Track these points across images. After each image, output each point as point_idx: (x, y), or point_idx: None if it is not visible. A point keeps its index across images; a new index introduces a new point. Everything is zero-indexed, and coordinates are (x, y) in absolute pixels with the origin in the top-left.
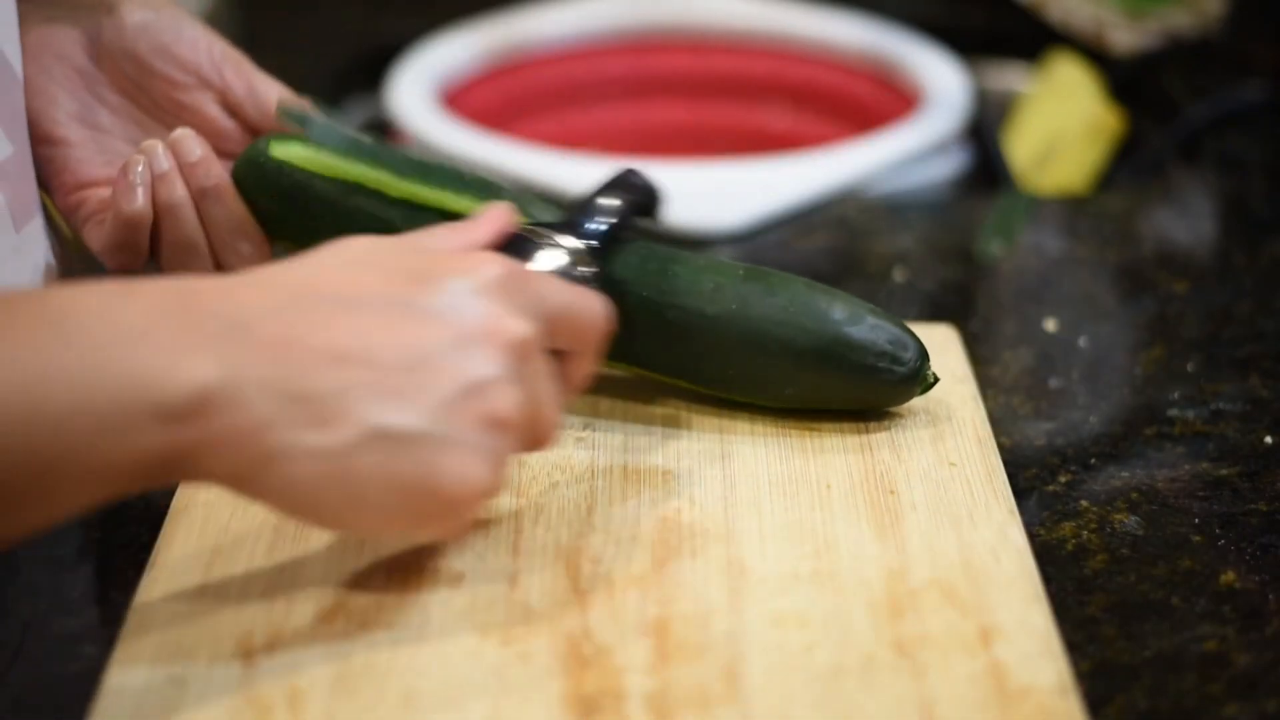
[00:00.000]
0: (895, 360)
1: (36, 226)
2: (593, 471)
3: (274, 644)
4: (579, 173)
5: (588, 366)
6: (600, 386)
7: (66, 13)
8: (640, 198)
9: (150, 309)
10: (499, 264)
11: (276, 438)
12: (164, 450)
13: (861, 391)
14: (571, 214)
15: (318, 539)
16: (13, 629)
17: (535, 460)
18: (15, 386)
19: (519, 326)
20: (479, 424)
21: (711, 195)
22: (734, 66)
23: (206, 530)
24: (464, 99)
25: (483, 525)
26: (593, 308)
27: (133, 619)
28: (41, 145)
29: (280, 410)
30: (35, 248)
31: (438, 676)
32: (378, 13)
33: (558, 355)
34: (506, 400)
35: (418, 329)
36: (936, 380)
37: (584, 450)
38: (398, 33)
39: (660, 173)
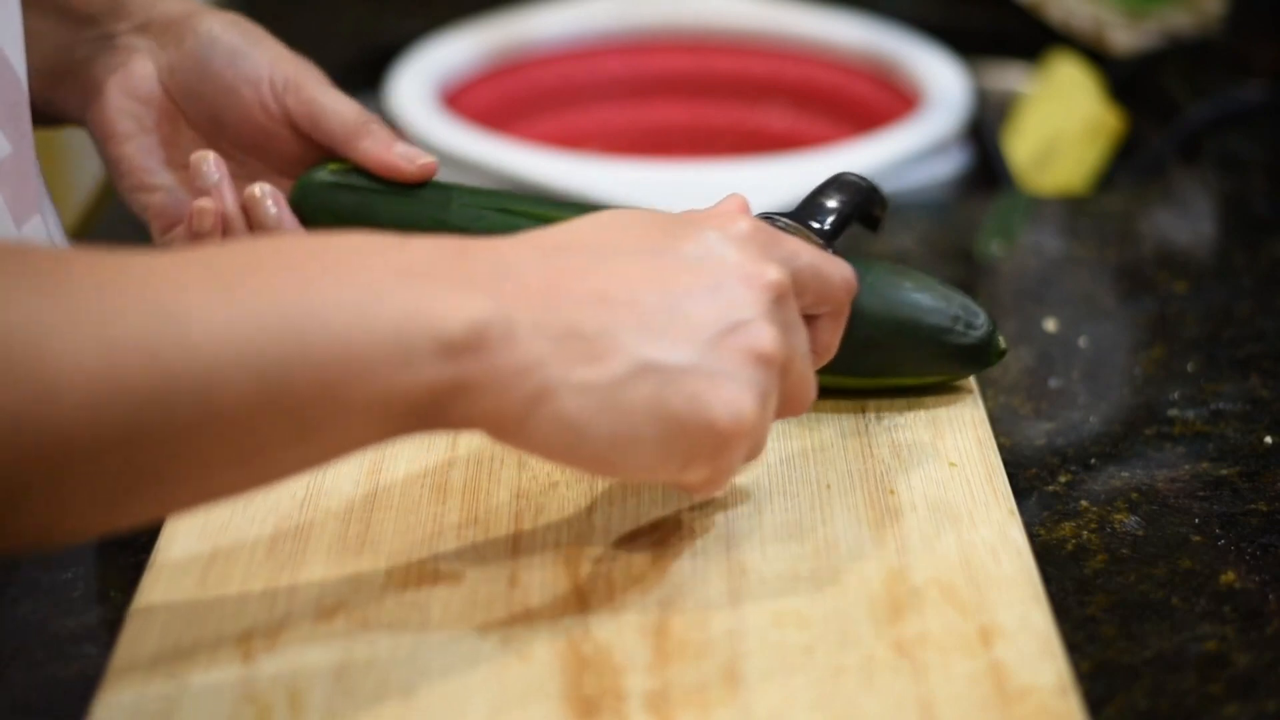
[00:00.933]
0: (969, 325)
1: (37, 225)
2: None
3: (274, 644)
4: (579, 173)
5: (836, 330)
6: None
7: (142, 42)
8: (862, 200)
9: (426, 253)
10: (750, 219)
11: (548, 373)
12: (439, 385)
13: (937, 361)
14: (796, 212)
15: (317, 539)
16: (13, 629)
17: (535, 461)
18: (302, 313)
19: (773, 271)
20: (743, 358)
21: (711, 195)
22: (734, 66)
23: (206, 530)
24: (464, 99)
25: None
26: (841, 268)
27: (132, 619)
28: (137, 193)
29: (551, 348)
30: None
31: (438, 676)
32: (378, 13)
33: (806, 321)
34: (767, 337)
35: (677, 273)
36: (1007, 349)
37: None
38: (398, 33)
39: (660, 173)
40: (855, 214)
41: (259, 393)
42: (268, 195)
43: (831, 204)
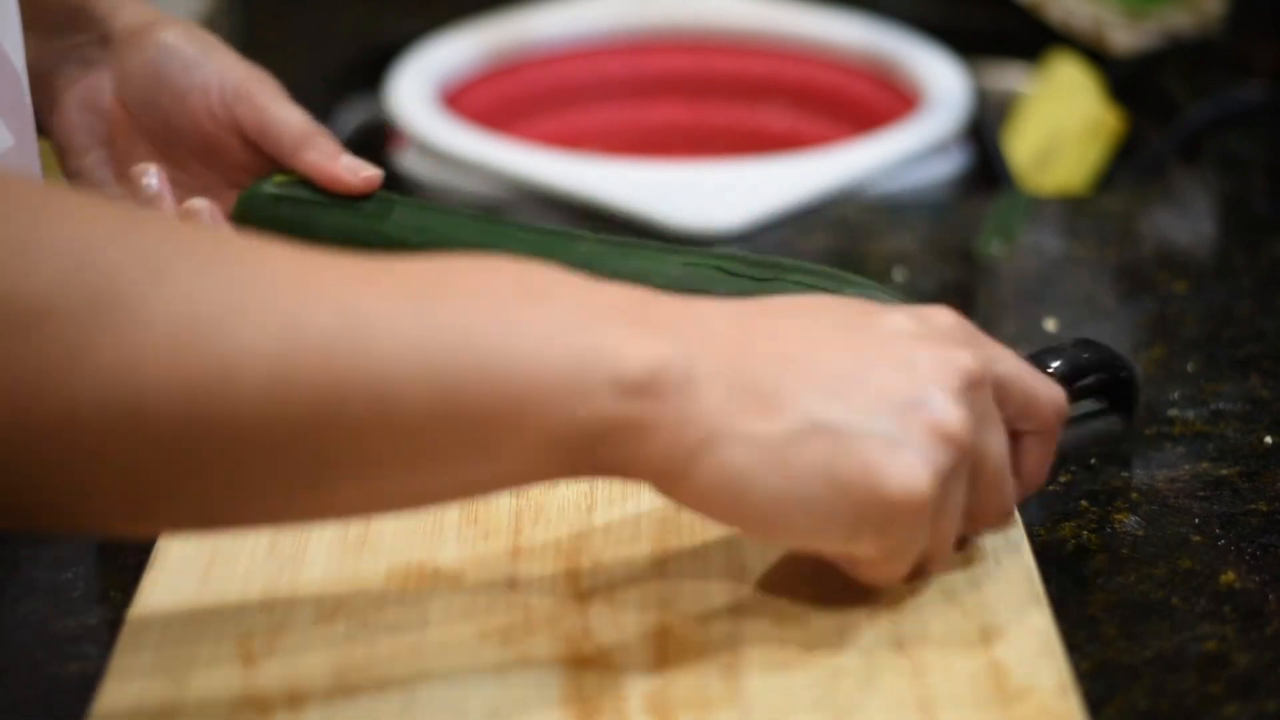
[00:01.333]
0: None
1: None
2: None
3: (274, 644)
4: (579, 173)
5: (1045, 455)
6: None
7: (101, 54)
8: (1111, 374)
9: (616, 298)
10: (955, 316)
11: (719, 422)
12: (611, 421)
13: None
14: (1035, 354)
15: (317, 539)
16: (13, 629)
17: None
18: (488, 335)
19: (968, 357)
20: (925, 432)
21: (711, 195)
22: (734, 66)
23: None
24: (464, 99)
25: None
26: (1050, 388)
27: (132, 619)
28: None
29: (727, 398)
30: None
31: (437, 677)
32: (378, 13)
33: (1011, 438)
34: (953, 416)
35: (868, 345)
36: None
37: None
38: (398, 33)
39: (660, 173)
40: (1104, 385)
41: (434, 404)
42: (204, 210)
43: (1080, 355)
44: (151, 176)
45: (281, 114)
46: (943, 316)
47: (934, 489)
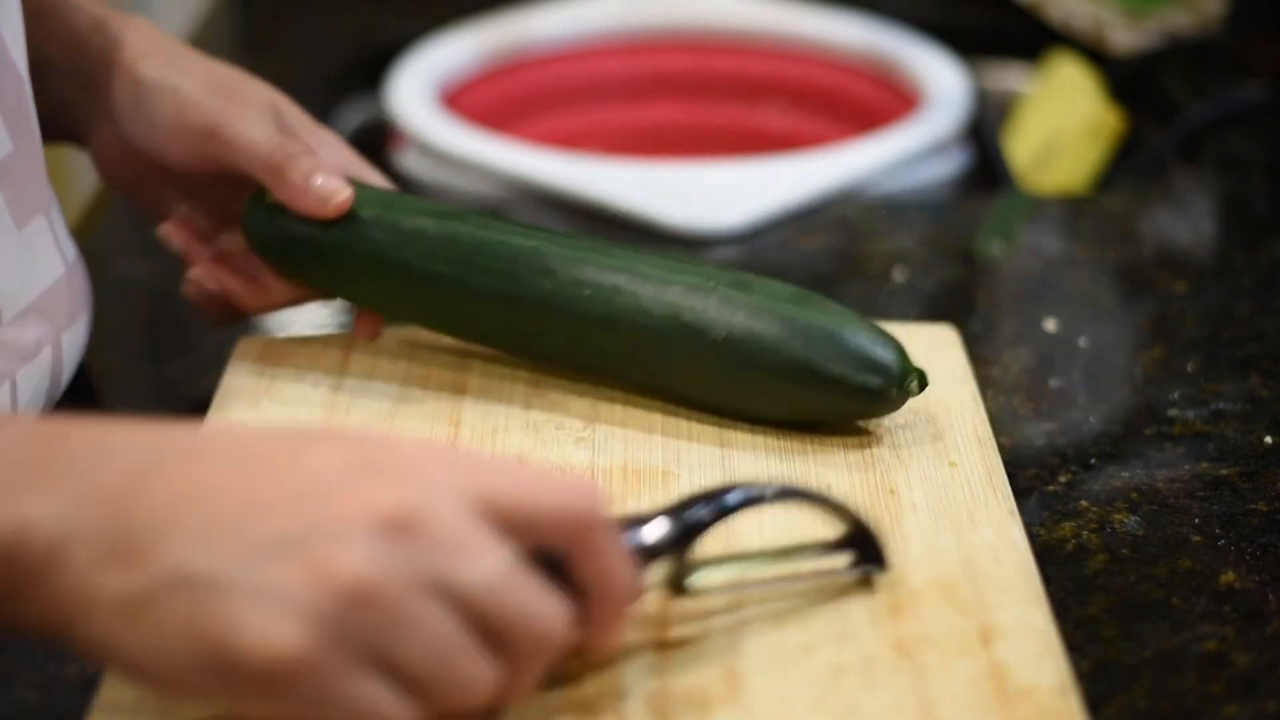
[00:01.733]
0: (873, 372)
1: (40, 225)
2: (593, 471)
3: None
4: (579, 173)
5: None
6: (600, 388)
7: (98, 104)
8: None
9: (12, 439)
10: (465, 481)
11: (83, 588)
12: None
13: (842, 407)
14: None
15: None
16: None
17: (536, 461)
18: None
19: (406, 492)
20: (303, 578)
21: (711, 195)
22: (734, 66)
23: None
24: (464, 99)
25: None
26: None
27: None
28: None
29: (93, 558)
30: (39, 247)
31: None
32: (378, 13)
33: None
34: (346, 557)
35: (280, 480)
36: (923, 385)
37: (584, 450)
38: (398, 33)
39: (660, 173)
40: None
41: None
42: (171, 235)
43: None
44: (170, 236)
45: (246, 148)
46: (425, 446)
47: (308, 647)
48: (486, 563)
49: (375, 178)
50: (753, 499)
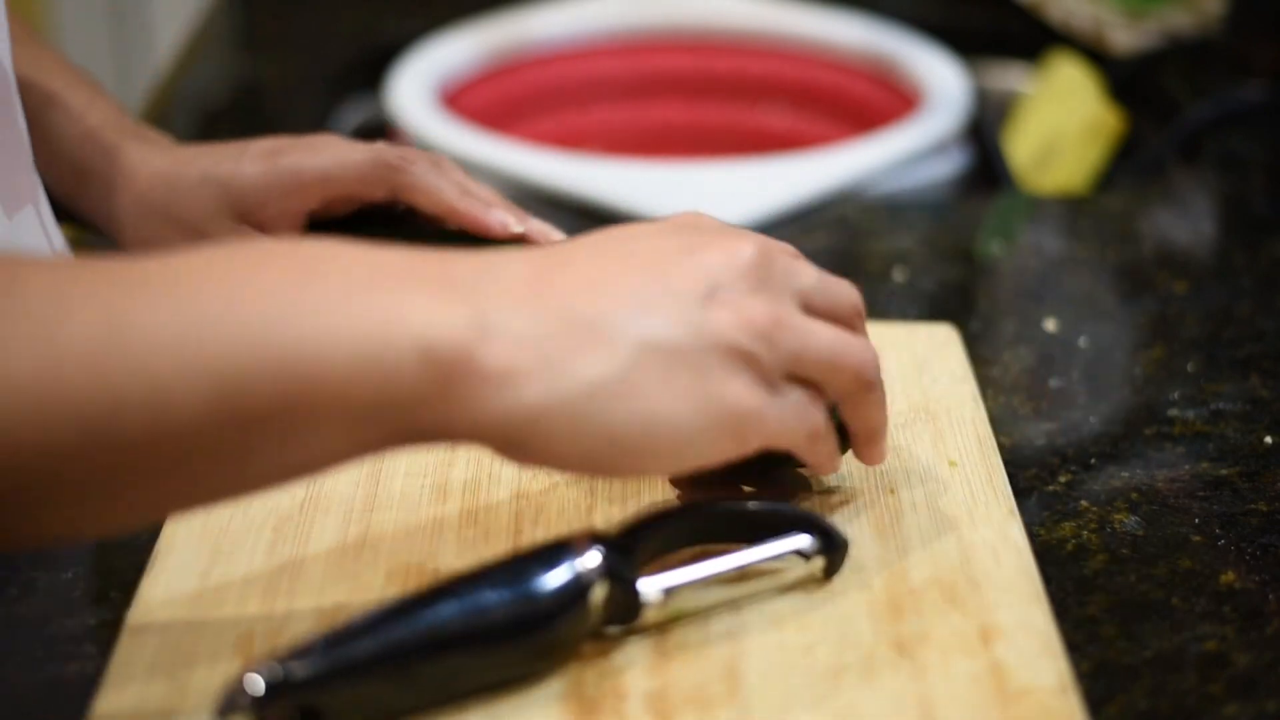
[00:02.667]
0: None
1: (29, 214)
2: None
3: (274, 644)
4: (579, 173)
5: (870, 409)
6: None
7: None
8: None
9: (402, 259)
10: (697, 214)
11: (565, 372)
12: (422, 393)
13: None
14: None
15: (317, 539)
16: (13, 629)
17: None
18: (263, 321)
19: (743, 242)
20: (737, 330)
21: (711, 195)
22: (734, 66)
23: (206, 530)
24: (464, 99)
25: (482, 526)
26: (846, 287)
27: (133, 619)
28: None
29: (548, 344)
30: (28, 235)
31: None
32: (378, 13)
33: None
34: (756, 304)
35: (663, 252)
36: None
37: None
38: (398, 33)
39: (660, 173)
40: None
41: (215, 404)
42: None
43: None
44: None
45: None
46: (699, 218)
47: (762, 393)
48: (808, 270)
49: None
50: (669, 515)
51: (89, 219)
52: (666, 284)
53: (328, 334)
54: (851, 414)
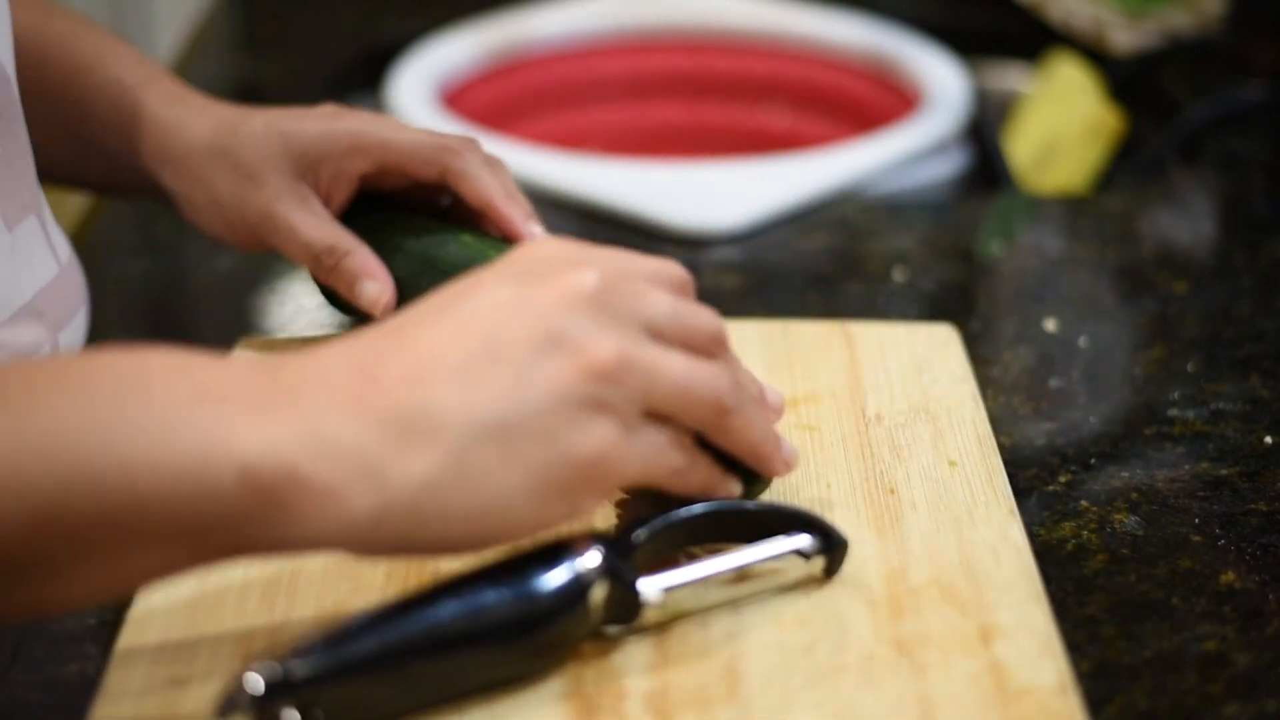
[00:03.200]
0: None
1: (32, 226)
2: None
3: (274, 644)
4: (579, 173)
5: (744, 428)
6: None
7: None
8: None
9: (230, 374)
10: (551, 241)
11: (384, 471)
12: (247, 510)
13: None
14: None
15: None
16: (13, 629)
17: None
18: (87, 438)
19: (587, 275)
20: (579, 377)
21: (711, 195)
22: (734, 66)
23: None
24: (464, 99)
25: None
26: (704, 314)
27: (133, 619)
28: None
29: (378, 443)
30: (31, 248)
31: None
32: (378, 13)
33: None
34: (598, 343)
35: (488, 311)
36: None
37: None
38: (398, 33)
39: (660, 173)
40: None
41: (38, 520)
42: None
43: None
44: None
45: (300, 249)
46: (540, 248)
47: (615, 430)
48: (660, 296)
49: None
50: (669, 515)
51: (127, 174)
52: (498, 347)
53: (149, 457)
54: (721, 440)
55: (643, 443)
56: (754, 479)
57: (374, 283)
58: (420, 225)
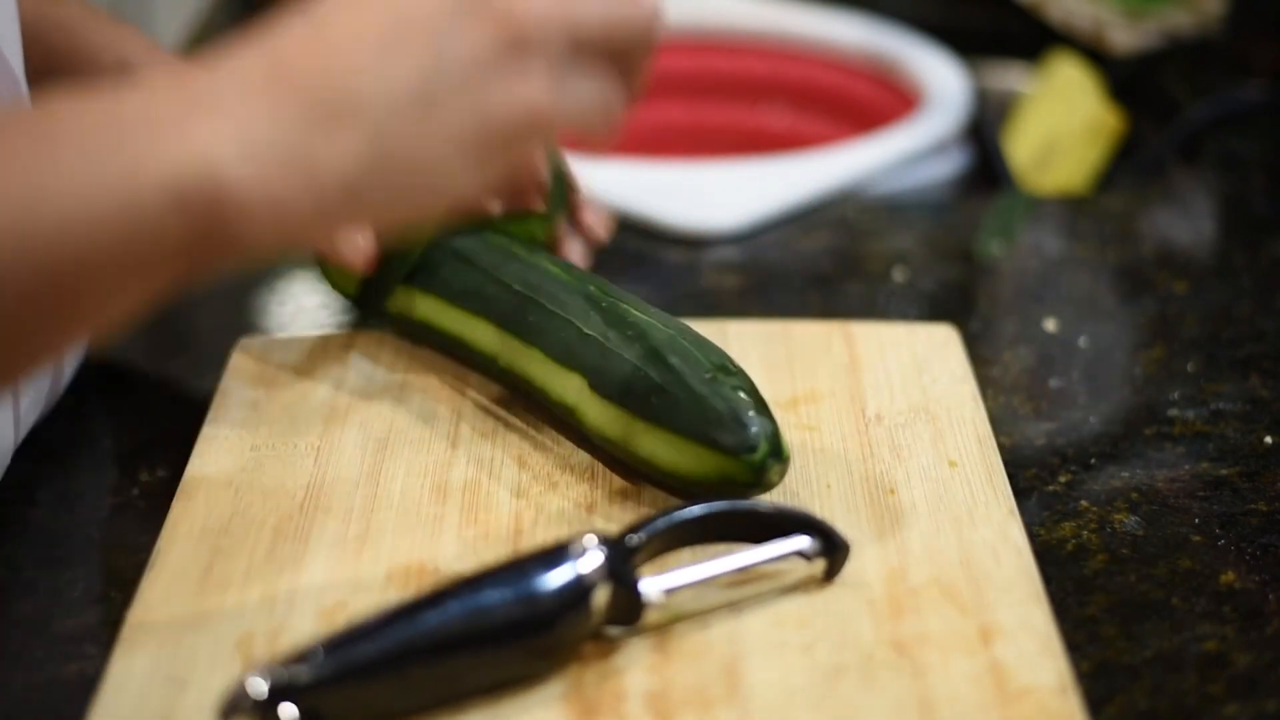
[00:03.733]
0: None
1: None
2: (593, 471)
3: (274, 644)
4: (578, 173)
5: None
6: None
7: None
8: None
9: (149, 93)
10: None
11: (314, 161)
12: (190, 230)
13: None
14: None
15: (317, 539)
16: (13, 629)
17: (535, 461)
18: (20, 199)
19: None
20: (497, 35)
21: (711, 195)
22: (734, 66)
23: (207, 530)
24: None
25: (484, 527)
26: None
27: (133, 619)
28: None
29: (302, 129)
30: None
31: None
32: None
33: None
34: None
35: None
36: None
37: (586, 449)
38: None
39: (660, 173)
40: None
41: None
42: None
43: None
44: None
45: None
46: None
47: (546, 88)
48: None
49: None
50: (670, 516)
51: None
52: (413, 17)
53: (80, 206)
54: (631, 78)
55: (572, 91)
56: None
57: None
58: None
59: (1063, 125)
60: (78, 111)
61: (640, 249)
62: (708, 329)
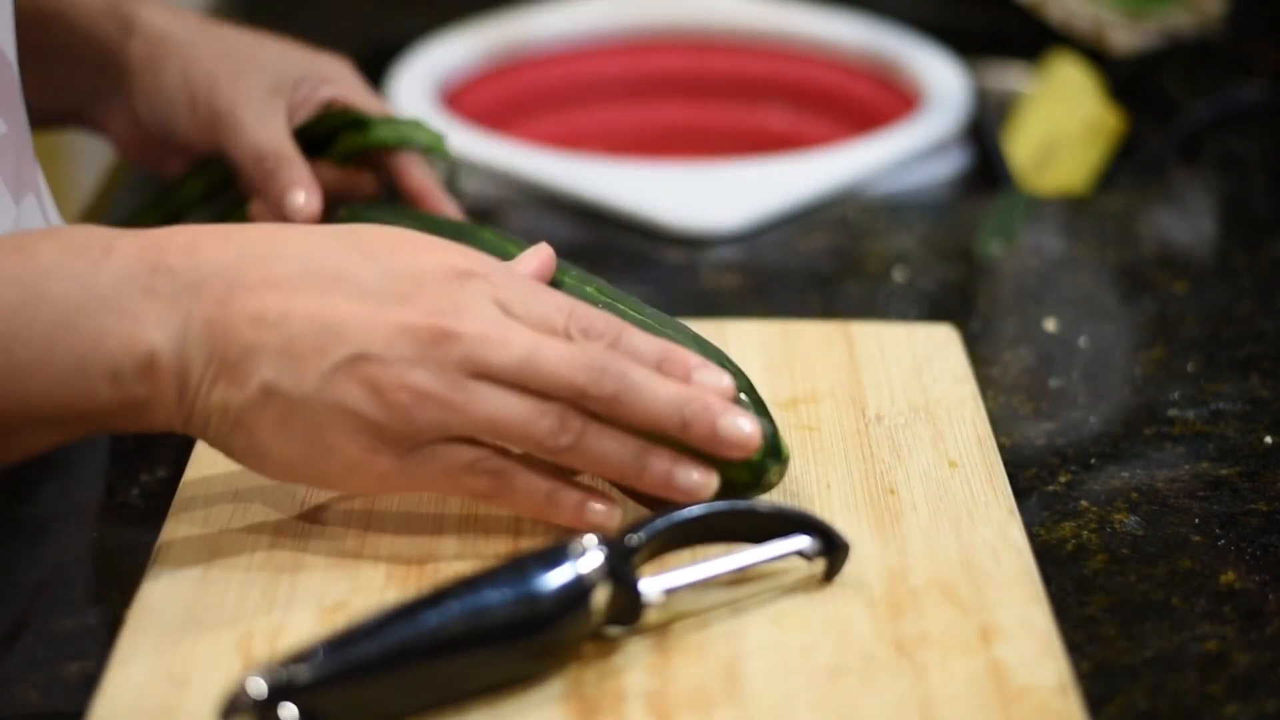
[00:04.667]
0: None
1: (32, 203)
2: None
3: (274, 644)
4: (579, 173)
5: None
6: None
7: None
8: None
9: (118, 276)
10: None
11: (202, 396)
12: (116, 404)
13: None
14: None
15: (317, 539)
16: (13, 628)
17: None
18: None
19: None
20: (364, 391)
21: (711, 195)
22: (734, 66)
23: (206, 530)
24: (464, 99)
25: (483, 526)
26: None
27: (133, 618)
28: None
29: (207, 371)
30: (33, 221)
31: None
32: (378, 13)
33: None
34: (399, 374)
35: (340, 301)
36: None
37: None
38: (398, 33)
39: (660, 173)
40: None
41: None
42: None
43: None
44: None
45: (248, 147)
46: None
47: (379, 447)
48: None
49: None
50: (670, 517)
51: (90, 108)
52: (322, 342)
53: (40, 357)
54: (621, 421)
55: (426, 465)
56: (739, 474)
57: (303, 193)
58: (440, 223)
59: (1063, 125)
60: (65, 276)
61: (640, 249)
62: (707, 329)
